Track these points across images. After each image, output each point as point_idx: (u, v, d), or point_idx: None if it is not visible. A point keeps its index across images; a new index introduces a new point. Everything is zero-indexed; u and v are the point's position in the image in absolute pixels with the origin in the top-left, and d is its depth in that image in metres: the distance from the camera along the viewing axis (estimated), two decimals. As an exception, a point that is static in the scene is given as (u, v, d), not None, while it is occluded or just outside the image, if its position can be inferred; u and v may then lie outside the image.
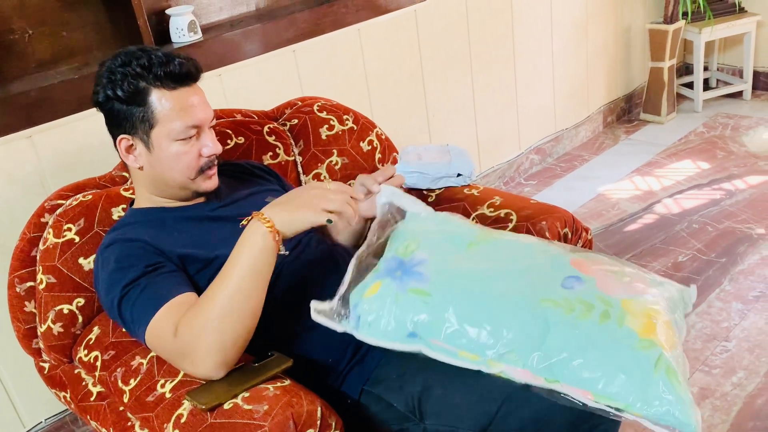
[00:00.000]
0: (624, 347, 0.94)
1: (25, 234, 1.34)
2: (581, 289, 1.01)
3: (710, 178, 2.84)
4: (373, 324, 1.02)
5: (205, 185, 1.24)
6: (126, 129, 1.18)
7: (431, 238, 1.12)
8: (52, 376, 1.33)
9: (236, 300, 1.03)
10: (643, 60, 3.52)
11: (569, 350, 0.95)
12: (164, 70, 1.15)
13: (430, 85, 2.54)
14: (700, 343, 1.90)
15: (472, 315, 1.00)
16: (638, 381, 0.92)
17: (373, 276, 1.07)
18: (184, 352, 1.03)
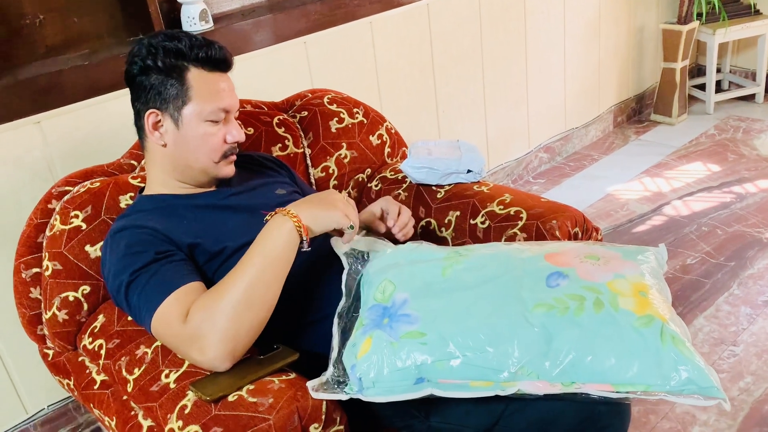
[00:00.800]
0: (627, 330, 0.94)
1: (32, 220, 1.33)
2: (566, 284, 1.00)
3: (720, 180, 2.82)
4: (378, 382, 0.98)
5: (225, 170, 1.26)
6: (157, 103, 1.18)
7: (403, 274, 1.08)
8: (56, 363, 1.33)
9: (255, 290, 1.03)
10: (655, 60, 3.49)
11: (576, 349, 0.94)
12: (206, 51, 1.18)
13: (440, 80, 2.52)
14: (707, 347, 1.89)
15: (474, 343, 0.96)
16: (650, 359, 0.92)
17: (360, 332, 1.03)
18: (194, 338, 1.02)
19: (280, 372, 1.04)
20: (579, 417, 1.03)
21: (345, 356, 1.03)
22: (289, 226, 1.06)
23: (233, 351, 1.02)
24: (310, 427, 0.98)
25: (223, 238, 1.19)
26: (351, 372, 1.00)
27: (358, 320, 1.06)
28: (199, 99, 1.18)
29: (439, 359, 0.97)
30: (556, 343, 0.95)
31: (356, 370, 0.99)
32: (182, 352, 1.05)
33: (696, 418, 1.66)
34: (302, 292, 1.19)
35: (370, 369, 0.98)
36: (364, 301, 1.09)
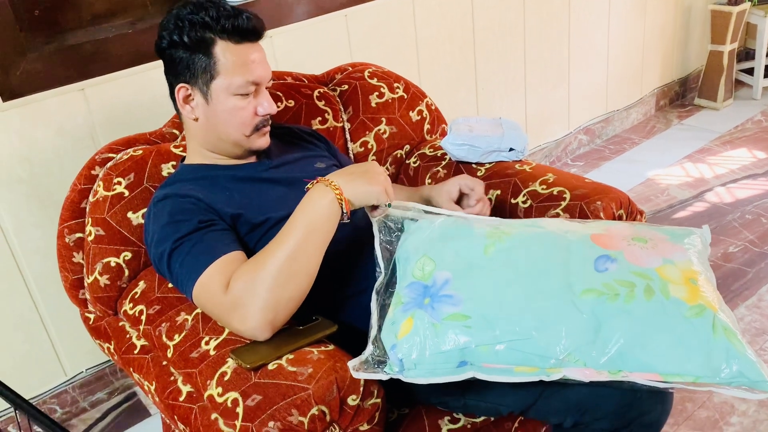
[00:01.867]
0: (677, 320, 0.92)
1: (76, 185, 1.35)
2: (615, 269, 0.97)
3: (766, 168, 2.73)
4: (419, 364, 0.96)
5: (258, 143, 1.24)
6: (186, 78, 1.17)
7: (444, 251, 1.04)
8: (97, 327, 1.35)
9: (296, 260, 1.02)
10: (702, 42, 3.38)
11: (626, 337, 0.92)
12: (232, 23, 1.14)
13: (481, 57, 2.48)
14: (749, 337, 1.84)
15: (520, 328, 0.94)
16: (701, 351, 0.90)
17: (400, 310, 1.00)
18: (235, 307, 1.02)
19: (319, 343, 1.04)
20: (620, 403, 1.02)
21: (384, 334, 1.01)
22: (331, 197, 1.04)
23: (273, 320, 1.01)
24: (348, 399, 0.98)
25: (265, 210, 1.19)
26: (391, 352, 0.98)
27: (396, 296, 1.04)
28: (226, 73, 1.15)
29: (483, 343, 0.94)
30: (604, 331, 0.92)
31: (397, 351, 0.97)
32: (223, 320, 1.06)
33: (735, 408, 1.62)
34: (341, 265, 1.18)
35: (412, 350, 0.96)
36: (401, 277, 1.06)
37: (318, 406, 0.94)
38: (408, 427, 1.14)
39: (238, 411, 0.97)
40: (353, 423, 1.00)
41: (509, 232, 1.07)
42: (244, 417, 0.96)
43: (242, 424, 0.96)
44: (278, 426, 0.93)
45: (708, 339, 0.90)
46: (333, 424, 0.98)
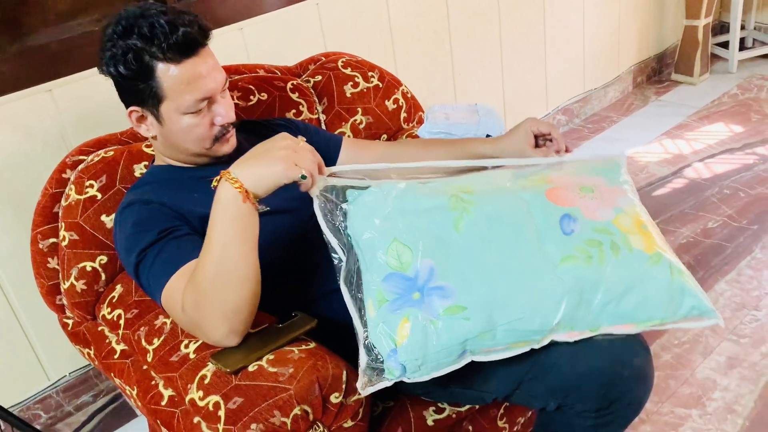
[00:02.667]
0: (643, 271, 0.99)
1: (47, 189, 1.33)
2: (579, 229, 1.01)
3: (743, 142, 2.75)
4: (424, 365, 0.95)
5: (222, 150, 1.20)
6: (135, 101, 1.13)
7: (414, 232, 0.99)
8: (76, 333, 1.33)
9: (224, 268, 0.96)
10: (677, 17, 3.38)
11: (605, 297, 0.99)
12: (168, 42, 1.06)
13: (456, 42, 2.46)
14: (729, 312, 1.86)
15: (516, 310, 0.96)
16: (664, 295, 0.99)
17: (387, 310, 0.95)
18: (193, 324, 1.01)
19: (300, 341, 1.04)
20: (602, 384, 1.02)
21: (375, 339, 0.95)
22: (233, 193, 0.95)
23: (231, 330, 0.99)
24: (331, 397, 0.97)
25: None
26: (391, 358, 0.95)
27: (373, 291, 0.98)
28: (173, 95, 1.09)
29: (483, 331, 0.96)
30: (587, 295, 0.98)
31: (399, 356, 0.94)
32: (192, 333, 1.06)
33: (717, 383, 1.64)
34: (319, 261, 1.16)
35: (414, 353, 0.94)
36: (370, 264, 0.98)
37: (300, 405, 0.94)
38: (393, 420, 1.14)
39: (220, 414, 0.96)
40: (337, 420, 0.99)
41: (471, 200, 1.03)
42: (227, 420, 0.95)
43: (225, 427, 0.95)
44: (261, 428, 0.92)
45: (668, 283, 0.99)
46: (316, 422, 0.98)
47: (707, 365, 1.70)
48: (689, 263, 2.07)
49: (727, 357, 1.72)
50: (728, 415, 1.56)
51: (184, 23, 1.08)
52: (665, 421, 1.56)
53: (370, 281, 0.98)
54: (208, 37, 1.12)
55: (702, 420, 1.55)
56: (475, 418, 1.25)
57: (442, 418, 1.17)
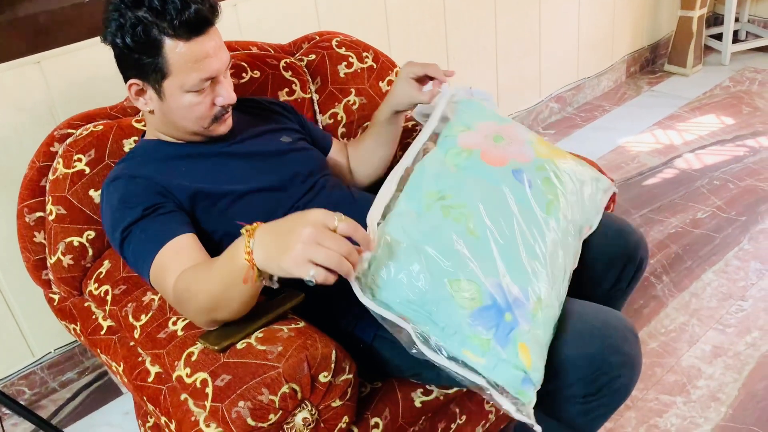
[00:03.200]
0: (578, 179, 1.17)
1: (35, 163, 1.30)
2: (529, 177, 1.09)
3: (734, 134, 2.76)
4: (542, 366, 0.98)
5: (219, 130, 1.19)
6: (136, 74, 1.11)
7: (456, 263, 0.96)
8: (62, 308, 1.32)
9: (219, 301, 0.94)
10: (672, 8, 3.38)
11: (580, 222, 1.15)
12: (180, 19, 1.04)
13: (451, 25, 2.44)
14: (715, 302, 1.88)
15: (556, 275, 1.05)
16: (598, 197, 1.22)
17: (496, 344, 0.93)
18: (178, 305, 1.02)
19: (290, 320, 1.03)
20: (590, 369, 1.03)
21: (500, 377, 0.93)
22: (241, 263, 0.86)
23: (216, 323, 1.01)
24: (320, 376, 0.97)
25: (228, 183, 1.17)
26: (525, 383, 0.94)
27: (469, 338, 0.93)
28: (178, 72, 1.08)
29: (556, 308, 1.03)
30: (576, 225, 1.12)
31: (533, 378, 0.95)
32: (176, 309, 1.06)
33: (701, 371, 1.66)
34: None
35: (541, 366, 0.96)
36: (445, 317, 0.93)
37: (289, 384, 0.93)
38: (381, 401, 1.14)
39: (207, 391, 0.95)
40: (325, 399, 0.99)
41: (455, 204, 1.02)
42: (214, 397, 0.94)
43: (212, 405, 0.95)
44: (248, 405, 0.92)
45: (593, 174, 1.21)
46: (304, 401, 0.97)
47: (693, 353, 1.71)
48: (678, 252, 2.08)
49: (712, 346, 1.73)
50: (712, 403, 1.57)
51: (196, 0, 1.06)
52: (650, 407, 1.57)
53: (455, 332, 0.93)
54: (217, 15, 1.11)
55: (686, 407, 1.57)
56: (463, 401, 1.25)
57: (430, 400, 1.17)
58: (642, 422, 1.54)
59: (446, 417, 1.23)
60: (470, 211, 1.02)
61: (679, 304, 1.88)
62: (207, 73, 1.10)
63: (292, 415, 0.96)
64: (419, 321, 0.94)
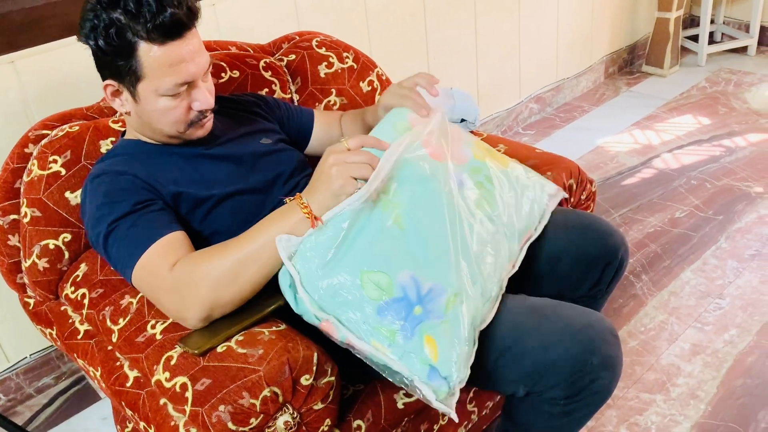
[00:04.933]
0: (516, 185, 1.19)
1: (8, 164, 1.28)
2: (464, 177, 1.11)
3: (711, 134, 2.80)
4: (459, 363, 0.98)
5: (196, 134, 1.17)
6: (112, 75, 1.09)
7: (370, 253, 0.98)
8: (38, 313, 1.30)
9: (248, 268, 0.98)
10: (649, 9, 3.42)
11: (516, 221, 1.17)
12: (154, 22, 1.02)
13: (431, 25, 2.44)
14: (693, 300, 1.90)
15: (485, 275, 1.06)
16: (538, 188, 1.24)
17: (402, 339, 0.95)
18: (174, 292, 0.99)
19: (270, 323, 1.02)
20: (571, 371, 1.03)
21: (408, 370, 0.96)
22: (299, 216, 0.98)
23: (207, 318, 1.00)
24: (301, 379, 0.96)
25: (210, 186, 1.15)
26: (431, 377, 0.96)
27: (375, 331, 0.96)
28: (153, 75, 1.05)
29: (479, 306, 1.03)
30: (510, 228, 1.14)
31: (441, 371, 0.96)
32: (161, 304, 1.03)
33: (681, 369, 1.67)
34: None
35: (452, 359, 0.96)
36: (352, 309, 0.97)
37: (270, 387, 0.92)
38: (363, 403, 1.13)
39: (187, 395, 0.94)
40: (307, 402, 0.98)
41: (393, 191, 1.03)
42: (194, 401, 0.93)
43: (192, 409, 0.93)
44: (229, 409, 0.91)
45: (529, 179, 1.22)
46: (286, 404, 0.96)
47: (672, 352, 1.73)
48: (656, 251, 2.10)
49: (691, 344, 1.75)
50: (691, 401, 1.59)
51: (173, 4, 1.03)
52: (630, 405, 1.58)
53: (364, 321, 0.96)
54: (196, 18, 1.09)
55: (666, 405, 1.58)
56: (445, 402, 1.25)
57: (412, 402, 1.17)
58: (623, 420, 1.55)
59: (429, 418, 1.23)
60: (400, 201, 1.02)
61: (659, 302, 1.90)
62: (182, 77, 1.07)
63: (274, 419, 0.95)
64: (326, 304, 0.97)
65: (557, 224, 1.25)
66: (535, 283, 1.25)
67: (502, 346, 1.05)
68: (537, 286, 1.26)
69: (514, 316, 1.08)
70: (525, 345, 1.04)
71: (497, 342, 1.06)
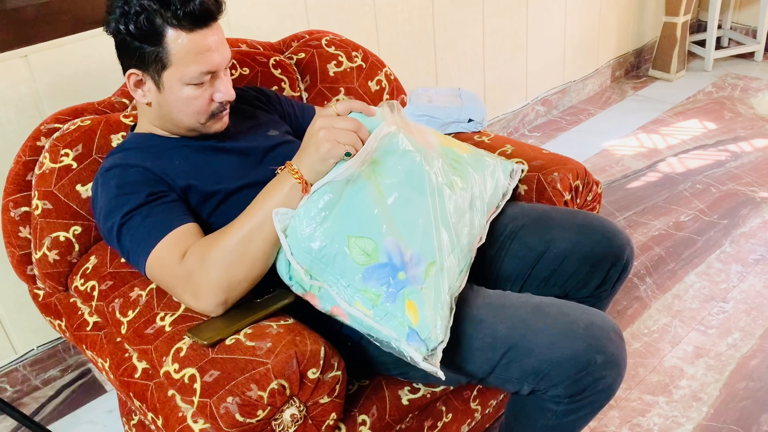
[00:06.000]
0: (478, 167, 1.24)
1: (20, 157, 1.29)
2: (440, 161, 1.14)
3: (716, 139, 2.80)
4: (438, 328, 1.00)
5: (214, 127, 1.19)
6: (136, 64, 1.11)
7: (363, 222, 1.01)
8: (47, 304, 1.31)
9: (251, 242, 1.00)
10: (656, 14, 3.42)
11: (480, 200, 1.21)
12: (184, 9, 1.05)
13: (440, 26, 2.45)
14: (697, 303, 1.90)
15: (460, 245, 1.11)
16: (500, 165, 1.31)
17: (386, 302, 0.99)
18: (188, 280, 1.01)
19: (278, 316, 1.03)
20: (575, 370, 1.03)
21: (385, 331, 0.99)
22: (292, 182, 1.00)
23: (225, 300, 1.01)
24: (308, 372, 0.97)
25: (219, 180, 1.16)
26: (411, 338, 0.98)
27: (360, 293, 1.00)
28: (179, 63, 1.08)
29: (456, 275, 1.07)
30: (477, 201, 1.19)
31: (421, 334, 0.99)
32: (177, 293, 1.04)
33: (684, 371, 1.68)
34: None
35: (431, 323, 0.99)
36: (337, 273, 1.00)
37: (277, 380, 0.93)
38: (368, 399, 1.14)
39: (195, 387, 0.95)
40: (313, 396, 0.99)
41: (378, 160, 1.06)
42: (202, 393, 0.94)
43: (200, 400, 0.94)
44: (237, 401, 0.92)
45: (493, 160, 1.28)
46: (293, 397, 0.97)
47: (675, 354, 1.74)
48: (661, 255, 2.11)
49: (694, 347, 1.75)
50: (694, 403, 1.59)
51: None
52: (633, 407, 1.59)
53: (348, 284, 1.00)
54: (221, 10, 1.12)
55: (669, 407, 1.59)
56: (449, 399, 1.26)
57: (417, 398, 1.18)
58: (625, 421, 1.55)
59: (433, 415, 1.24)
60: (384, 171, 1.05)
61: (662, 305, 1.91)
62: (207, 66, 1.10)
63: (281, 411, 0.96)
64: (317, 271, 1.01)
65: (563, 224, 1.26)
66: (541, 283, 1.26)
67: (507, 343, 1.06)
68: (542, 285, 1.26)
69: (519, 315, 1.08)
70: (530, 343, 1.05)
71: (502, 340, 1.06)
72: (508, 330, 1.07)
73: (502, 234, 1.28)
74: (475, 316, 1.09)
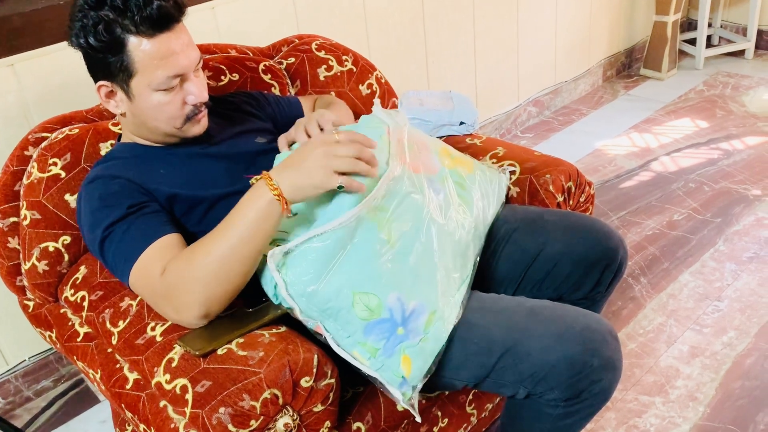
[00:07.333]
0: (484, 186, 1.26)
1: (8, 167, 1.28)
2: (437, 187, 1.14)
3: (708, 137, 2.81)
4: (428, 373, 1.05)
5: (193, 131, 1.17)
6: (104, 75, 1.10)
7: (362, 273, 1.01)
8: (37, 315, 1.29)
9: (230, 260, 0.97)
10: (647, 13, 3.43)
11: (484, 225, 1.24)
12: (141, 15, 1.03)
13: (430, 29, 2.45)
14: (692, 302, 1.90)
15: (453, 290, 1.11)
16: (494, 184, 1.30)
17: (383, 356, 1.01)
18: (168, 296, 0.99)
19: (270, 326, 1.02)
20: (571, 373, 1.03)
21: (388, 383, 1.03)
22: (269, 197, 0.96)
23: (206, 314, 1.00)
24: (301, 381, 0.96)
25: (205, 187, 1.15)
26: (402, 387, 1.03)
27: (359, 345, 1.01)
28: (144, 70, 1.06)
29: (455, 317, 1.07)
30: (479, 229, 1.19)
31: (411, 383, 1.03)
32: (159, 307, 1.03)
33: (680, 371, 1.68)
34: None
35: (422, 374, 1.03)
36: (341, 326, 1.01)
37: (270, 389, 0.93)
38: (363, 406, 1.13)
39: (187, 398, 0.94)
40: (307, 405, 0.98)
41: (381, 207, 1.05)
42: (194, 403, 0.93)
43: (192, 411, 0.93)
44: (229, 411, 0.91)
45: (492, 174, 1.29)
46: (286, 406, 0.96)
47: (671, 354, 1.73)
48: (655, 254, 2.10)
49: (689, 346, 1.75)
50: (690, 403, 1.59)
51: None
52: (629, 408, 1.59)
53: (349, 335, 1.02)
54: (183, 12, 1.10)
55: (665, 407, 1.58)
56: (444, 404, 1.25)
57: (412, 404, 1.17)
58: (622, 423, 1.55)
59: (428, 420, 1.23)
60: (389, 217, 1.04)
61: (657, 305, 1.91)
62: (174, 70, 1.08)
63: (274, 421, 0.95)
64: (315, 315, 1.01)
65: (556, 226, 1.25)
66: (535, 286, 1.26)
67: (503, 348, 1.05)
68: (536, 288, 1.26)
69: (514, 318, 1.08)
70: (525, 347, 1.05)
71: (497, 344, 1.06)
72: (503, 334, 1.06)
73: (495, 237, 1.27)
74: (469, 321, 1.08)
